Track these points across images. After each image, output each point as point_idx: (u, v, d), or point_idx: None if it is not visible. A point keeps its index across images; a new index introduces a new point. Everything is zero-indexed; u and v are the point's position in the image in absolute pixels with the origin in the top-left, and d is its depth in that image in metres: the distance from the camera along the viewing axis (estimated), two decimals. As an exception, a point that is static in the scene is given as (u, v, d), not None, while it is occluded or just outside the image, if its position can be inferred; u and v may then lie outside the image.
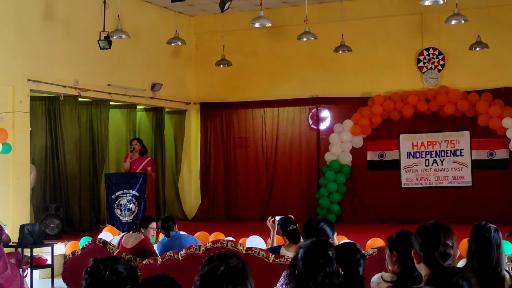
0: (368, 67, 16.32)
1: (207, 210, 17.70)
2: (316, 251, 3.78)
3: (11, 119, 12.77)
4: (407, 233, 4.63)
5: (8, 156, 12.69)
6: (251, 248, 7.37)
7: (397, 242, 4.52)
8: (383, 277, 4.22)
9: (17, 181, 12.88)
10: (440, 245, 3.89)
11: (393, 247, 4.50)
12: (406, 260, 4.35)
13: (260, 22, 13.16)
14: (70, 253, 9.09)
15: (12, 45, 12.93)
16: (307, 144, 17.09)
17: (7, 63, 12.80)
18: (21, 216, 12.73)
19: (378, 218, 15.68)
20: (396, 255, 4.45)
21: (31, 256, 10.21)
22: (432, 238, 3.93)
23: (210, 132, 18.00)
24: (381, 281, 4.24)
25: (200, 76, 18.04)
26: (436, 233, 3.96)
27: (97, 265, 3.59)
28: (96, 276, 3.56)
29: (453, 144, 15.76)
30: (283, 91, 17.02)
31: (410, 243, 4.12)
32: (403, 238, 4.57)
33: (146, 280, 3.36)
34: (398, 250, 4.46)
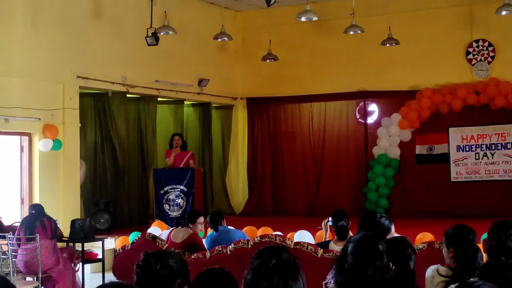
0: (416, 60, 16.13)
1: (254, 204, 17.72)
2: (366, 245, 3.75)
3: (61, 116, 12.98)
4: (463, 228, 4.56)
5: (58, 152, 12.91)
6: (299, 243, 7.37)
7: (453, 238, 4.45)
8: (439, 271, 4.17)
9: (67, 176, 13.10)
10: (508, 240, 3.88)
11: (450, 243, 4.44)
12: (463, 255, 4.29)
13: (306, 16, 13.11)
14: (120, 248, 9.20)
15: (61, 43, 13.13)
16: (355, 138, 16.98)
17: (57, 61, 13.01)
18: (72, 211, 12.93)
19: (427, 212, 15.50)
20: (452, 252, 4.38)
21: (82, 251, 10.36)
22: (501, 234, 3.91)
23: (257, 127, 18.01)
24: (436, 274, 4.18)
25: (247, 71, 18.06)
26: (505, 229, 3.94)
27: (149, 259, 3.62)
28: (147, 269, 3.59)
29: (504, 137, 15.49)
30: (330, 85, 16.93)
31: (467, 238, 4.06)
32: (459, 233, 4.50)
33: (202, 273, 3.37)
34: (455, 246, 4.39)
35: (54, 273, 9.25)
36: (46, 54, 12.81)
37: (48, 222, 9.36)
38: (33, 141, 12.73)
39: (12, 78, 12.18)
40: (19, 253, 9.15)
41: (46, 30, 12.86)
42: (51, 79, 12.87)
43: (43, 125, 12.64)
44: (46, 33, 12.87)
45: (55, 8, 13.05)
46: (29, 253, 9.07)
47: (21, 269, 9.23)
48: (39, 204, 9.96)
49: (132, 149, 15.18)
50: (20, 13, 12.39)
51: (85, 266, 10.68)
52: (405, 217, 15.51)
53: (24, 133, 12.67)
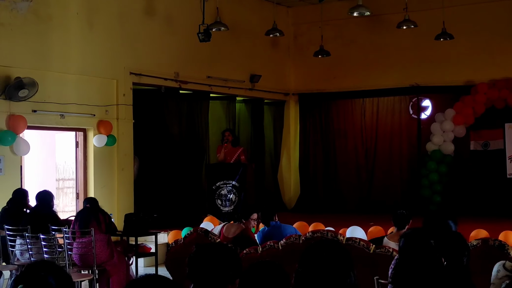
0: (470, 54, 15.88)
1: (306, 201, 17.69)
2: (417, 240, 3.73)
3: (115, 111, 13.18)
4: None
5: (113, 148, 13.11)
6: (351, 238, 7.34)
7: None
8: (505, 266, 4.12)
9: (121, 172, 13.29)
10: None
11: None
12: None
13: (358, 11, 13.02)
14: (173, 242, 9.29)
15: (115, 40, 13.32)
16: (408, 134, 16.81)
17: (110, 57, 13.20)
18: (126, 205, 13.11)
19: (481, 210, 15.24)
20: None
21: (135, 245, 10.50)
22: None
23: (309, 123, 17.97)
24: (501, 268, 4.13)
25: (299, 67, 18.03)
26: None
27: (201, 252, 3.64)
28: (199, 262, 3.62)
29: (562, 132, 15.16)
30: (383, 80, 16.79)
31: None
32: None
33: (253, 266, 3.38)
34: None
35: (109, 267, 9.39)
36: (100, 51, 13.01)
37: (102, 216, 9.52)
38: (88, 136, 12.95)
39: (68, 75, 12.41)
40: (74, 246, 9.31)
41: (100, 28, 13.06)
42: (105, 75, 13.07)
43: (98, 121, 12.85)
44: (100, 30, 13.07)
45: (109, 5, 13.25)
46: (84, 246, 9.23)
47: (76, 262, 9.40)
48: (94, 198, 10.13)
49: (185, 145, 15.30)
50: (76, 12, 12.61)
51: (138, 260, 10.82)
52: (459, 214, 15.29)
53: (79, 129, 12.90)
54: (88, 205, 9.75)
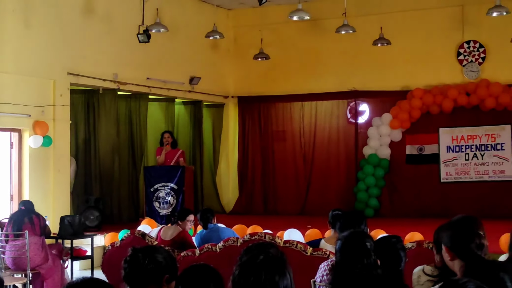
0: (407, 60, 16.17)
1: (244, 203, 17.72)
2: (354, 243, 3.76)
3: (51, 112, 12.94)
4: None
5: (49, 149, 12.87)
6: (288, 241, 7.37)
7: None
8: (425, 270, 4.18)
9: (57, 173, 13.06)
10: (475, 236, 3.85)
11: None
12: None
13: (298, 15, 13.13)
14: (110, 245, 9.18)
15: (53, 39, 13.10)
16: (345, 138, 17.01)
17: (47, 57, 12.97)
18: (62, 208, 12.89)
19: (416, 213, 15.53)
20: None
21: (71, 248, 10.34)
22: (465, 230, 3.88)
23: (248, 126, 18.02)
24: (422, 274, 4.19)
25: (238, 70, 18.06)
26: (468, 225, 3.91)
27: (136, 254, 3.62)
28: (135, 265, 3.59)
29: (494, 138, 15.55)
30: (321, 84, 16.95)
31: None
32: None
33: (188, 269, 3.38)
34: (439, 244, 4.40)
35: (43, 270, 9.22)
36: (37, 51, 12.77)
37: (37, 218, 9.34)
38: (23, 137, 12.68)
39: (3, 74, 12.13)
40: (7, 249, 9.11)
41: (37, 26, 12.82)
42: (42, 75, 12.82)
43: (34, 122, 12.59)
44: (37, 29, 12.83)
45: (47, 4, 13.00)
46: (17, 249, 9.04)
47: (9, 265, 9.20)
48: (29, 201, 9.94)
49: (123, 147, 15.17)
50: (11, 9, 12.34)
51: (74, 263, 10.66)
52: (394, 216, 15.58)
53: (14, 129, 12.62)
54: (22, 207, 9.56)
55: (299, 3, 13.09)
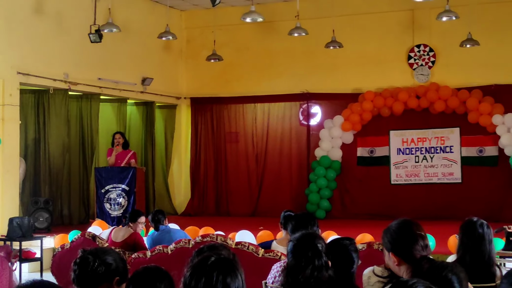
0: (359, 63, 16.33)
1: (197, 205, 17.69)
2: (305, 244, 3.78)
3: (0, 112, 12.72)
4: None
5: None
6: (240, 242, 7.38)
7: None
8: (375, 271, 4.22)
9: (6, 174, 12.84)
10: (418, 237, 3.92)
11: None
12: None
13: (251, 17, 13.14)
14: (59, 247, 9.07)
15: (2, 38, 12.87)
16: (297, 140, 17.09)
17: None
18: (10, 209, 12.69)
19: (367, 214, 15.70)
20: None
21: (19, 250, 10.18)
22: (407, 233, 3.94)
23: (201, 127, 17.98)
24: (372, 275, 4.23)
25: (191, 71, 18.01)
26: (408, 228, 3.98)
27: (86, 256, 3.58)
28: (85, 267, 3.55)
29: (443, 140, 15.79)
30: (274, 86, 17.01)
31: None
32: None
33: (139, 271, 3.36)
34: None
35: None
36: (-14, 49, 12.55)
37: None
38: (-29, 137, 12.45)
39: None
40: (-46, 251, 8.92)
41: (-14, 25, 12.60)
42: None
43: (-18, 122, 12.37)
44: (-14, 27, 12.60)
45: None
46: (-36, 251, 8.86)
47: (-45, 268, 9.00)
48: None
49: (73, 148, 15.00)
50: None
51: (22, 265, 10.50)
52: (346, 218, 15.72)
53: (-39, 129, 12.38)
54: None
55: (252, 5, 13.09)
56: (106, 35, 13.57)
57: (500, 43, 15.27)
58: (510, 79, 15.11)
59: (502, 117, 14.89)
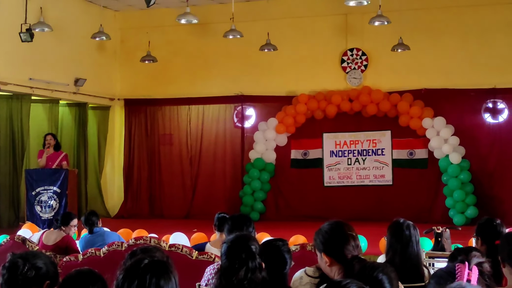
0: (293, 66, 16.45)
1: (130, 207, 17.53)
2: (239, 246, 3.79)
3: None
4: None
5: None
6: (174, 245, 7.34)
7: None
8: (306, 272, 4.27)
9: None
10: (349, 238, 4.01)
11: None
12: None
13: (186, 18, 13.12)
14: (-12, 250, 8.84)
15: None
16: (232, 142, 17.11)
17: None
18: None
19: (301, 216, 15.82)
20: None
21: None
22: (339, 234, 4.03)
23: (135, 129, 17.83)
24: (303, 275, 4.27)
25: (125, 72, 17.85)
26: (340, 228, 4.07)
27: (15, 260, 3.52)
28: (14, 271, 3.49)
29: (375, 143, 16.05)
30: (209, 88, 16.99)
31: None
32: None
33: (71, 274, 3.31)
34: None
35: None
36: None
37: None
38: None
39: None
40: None
41: None
42: None
43: None
44: None
45: None
46: None
47: None
48: None
49: (3, 149, 14.70)
50: None
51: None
52: (279, 220, 15.80)
53: None
54: None
55: (188, 7, 13.09)
56: (38, 35, 13.34)
57: (430, 48, 15.61)
58: (439, 83, 15.47)
59: (431, 121, 15.23)
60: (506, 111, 15.31)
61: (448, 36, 15.57)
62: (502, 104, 15.34)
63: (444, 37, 15.58)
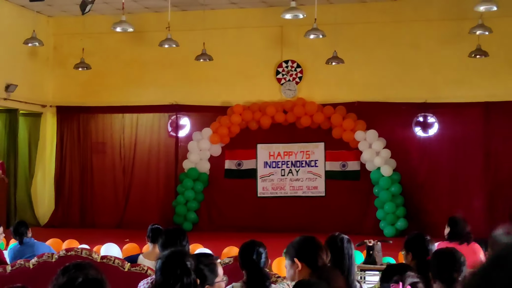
0: (228, 76, 16.49)
1: (61, 215, 17.23)
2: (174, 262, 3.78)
3: None
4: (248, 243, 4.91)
5: None
6: (106, 256, 7.25)
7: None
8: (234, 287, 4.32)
9: None
10: (323, 247, 4.23)
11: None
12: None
13: (121, 26, 13.03)
14: None
15: None
16: (166, 151, 17.02)
17: None
18: None
19: (234, 227, 15.83)
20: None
21: None
22: (314, 243, 4.27)
23: (67, 136, 17.56)
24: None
25: (58, 79, 17.57)
26: (315, 239, 4.27)
27: None
28: None
29: (308, 155, 16.20)
30: (143, 97, 16.88)
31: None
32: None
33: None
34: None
35: None
36: None
37: None
38: None
39: None
40: None
41: None
42: None
43: None
44: None
45: None
46: None
47: None
48: None
49: None
50: None
51: None
52: (213, 230, 15.78)
53: None
54: None
55: (123, 15, 12.98)
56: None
57: (364, 62, 15.87)
58: (372, 97, 15.74)
59: (364, 133, 15.48)
60: (436, 125, 15.68)
61: (382, 50, 15.86)
62: (433, 118, 15.71)
63: (378, 52, 15.88)
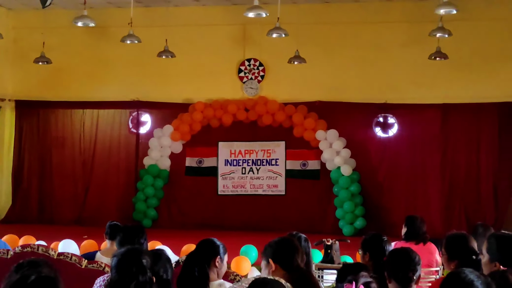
0: (190, 73, 16.44)
1: (18, 211, 17.01)
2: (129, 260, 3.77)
3: None
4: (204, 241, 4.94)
5: None
6: (63, 253, 7.19)
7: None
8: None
9: None
10: (299, 249, 4.31)
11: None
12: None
13: (83, 21, 12.91)
14: None
15: None
16: (126, 148, 16.91)
17: None
18: None
19: (194, 224, 15.82)
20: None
21: None
22: (290, 244, 4.33)
23: (26, 131, 17.35)
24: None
25: (18, 73, 17.33)
26: (292, 241, 4.49)
27: None
28: None
29: (269, 153, 16.24)
30: (104, 92, 16.74)
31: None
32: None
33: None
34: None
35: None
36: None
37: None
38: None
39: None
40: None
41: None
42: None
43: None
44: None
45: None
46: None
47: None
48: None
49: None
50: None
51: None
52: (172, 228, 15.74)
53: None
54: None
55: (85, 9, 12.86)
56: None
57: (325, 61, 15.95)
58: (333, 97, 15.83)
59: (324, 133, 15.58)
60: (396, 125, 15.83)
61: (343, 51, 15.96)
62: (392, 119, 15.85)
63: (340, 52, 15.98)
